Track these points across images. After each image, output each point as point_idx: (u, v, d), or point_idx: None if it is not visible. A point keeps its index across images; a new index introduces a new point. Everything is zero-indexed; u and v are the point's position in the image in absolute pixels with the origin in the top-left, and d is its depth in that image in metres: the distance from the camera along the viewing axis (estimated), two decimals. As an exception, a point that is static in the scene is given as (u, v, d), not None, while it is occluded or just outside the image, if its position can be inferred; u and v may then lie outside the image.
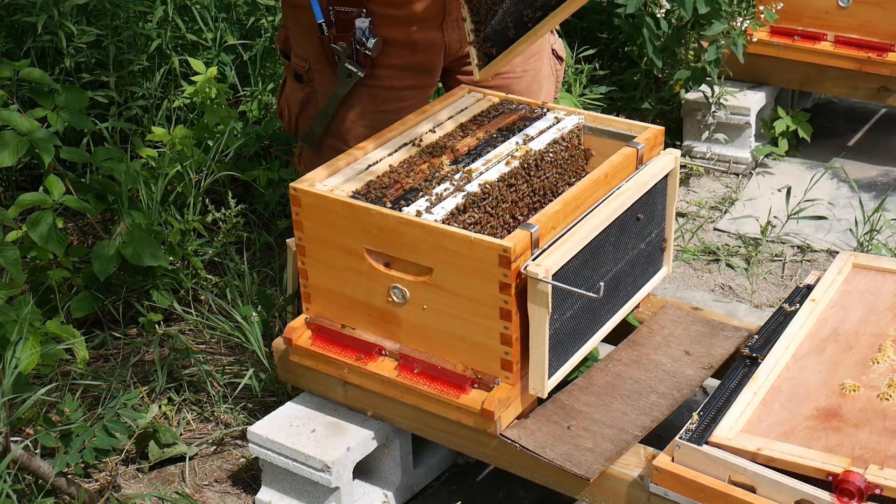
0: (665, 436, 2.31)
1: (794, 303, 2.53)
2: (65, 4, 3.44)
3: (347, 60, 2.67)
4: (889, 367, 2.29)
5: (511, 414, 2.30)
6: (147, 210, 3.15)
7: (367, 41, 2.65)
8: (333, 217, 2.33)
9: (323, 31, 2.68)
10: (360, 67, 2.68)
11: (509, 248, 2.14)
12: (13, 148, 2.92)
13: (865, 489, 1.98)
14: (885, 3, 3.84)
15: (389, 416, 2.45)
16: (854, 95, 4.04)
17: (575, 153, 2.60)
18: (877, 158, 4.07)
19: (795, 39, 3.98)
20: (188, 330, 3.13)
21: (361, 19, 2.66)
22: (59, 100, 3.10)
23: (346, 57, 2.67)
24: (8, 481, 2.34)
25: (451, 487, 2.64)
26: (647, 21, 3.76)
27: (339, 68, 2.69)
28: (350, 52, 2.67)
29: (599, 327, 2.45)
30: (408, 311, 2.32)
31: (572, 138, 2.58)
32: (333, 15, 2.67)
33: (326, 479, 2.39)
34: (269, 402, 2.83)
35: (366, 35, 2.66)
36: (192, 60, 3.71)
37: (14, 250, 2.78)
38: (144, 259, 2.96)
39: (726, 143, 4.01)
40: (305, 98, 2.81)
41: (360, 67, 2.68)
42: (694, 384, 2.44)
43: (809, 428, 2.14)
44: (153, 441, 2.69)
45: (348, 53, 2.67)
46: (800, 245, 3.57)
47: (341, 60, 2.68)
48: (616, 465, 2.24)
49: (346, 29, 2.67)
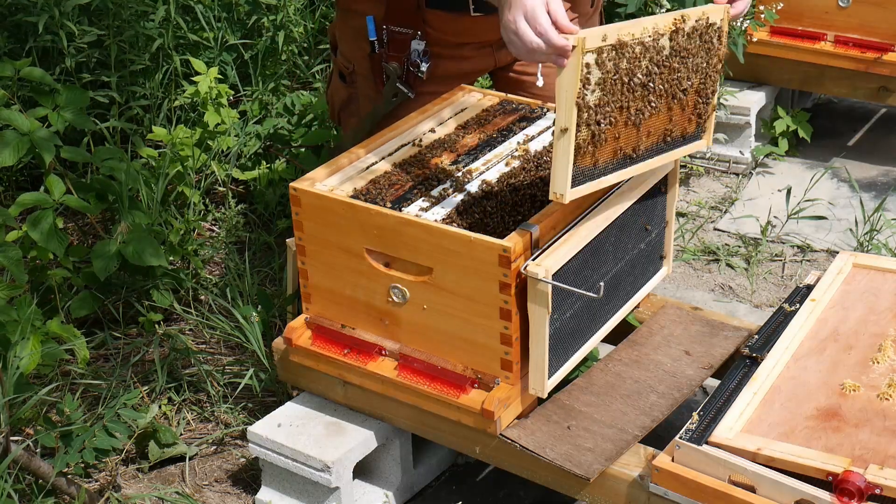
0: (665, 436, 2.31)
1: (794, 303, 2.53)
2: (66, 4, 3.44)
3: (398, 81, 2.66)
4: (889, 367, 2.29)
5: (511, 414, 2.30)
6: (147, 210, 3.15)
7: (421, 64, 2.65)
8: (333, 217, 2.33)
9: (374, 48, 2.67)
10: (409, 89, 2.67)
11: (509, 247, 2.14)
12: (14, 147, 2.92)
13: (865, 489, 1.98)
14: (885, 3, 3.84)
15: (389, 416, 2.45)
16: (854, 95, 4.04)
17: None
18: (877, 158, 4.07)
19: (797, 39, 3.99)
20: (188, 330, 3.13)
21: (417, 41, 2.65)
22: (59, 99, 3.10)
23: (397, 77, 2.66)
24: (8, 481, 2.34)
25: (451, 487, 2.64)
26: (647, 21, 3.76)
27: (386, 87, 2.68)
28: (401, 73, 2.67)
29: (599, 327, 2.45)
30: (408, 311, 2.32)
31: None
32: (386, 34, 2.66)
33: (326, 479, 2.39)
34: (269, 402, 2.83)
35: (420, 58, 2.65)
36: (193, 60, 3.71)
37: (16, 250, 2.78)
38: (145, 259, 2.96)
39: (726, 142, 4.01)
40: (348, 97, 2.82)
41: (410, 89, 2.67)
42: (694, 384, 2.45)
43: (809, 428, 2.14)
44: (153, 441, 2.69)
45: (399, 74, 2.67)
46: (800, 245, 3.57)
47: (391, 80, 2.66)
48: (616, 465, 2.24)
49: (398, 49, 2.66)
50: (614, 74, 2.14)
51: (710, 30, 2.32)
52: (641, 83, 2.21)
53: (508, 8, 2.10)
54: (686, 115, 2.36)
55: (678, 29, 2.24)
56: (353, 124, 2.84)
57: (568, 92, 2.08)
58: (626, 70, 2.17)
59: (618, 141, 2.22)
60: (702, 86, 2.36)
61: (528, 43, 2.07)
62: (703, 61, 2.33)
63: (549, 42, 2.05)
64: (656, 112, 2.27)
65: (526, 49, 2.09)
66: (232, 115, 3.66)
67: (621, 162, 2.27)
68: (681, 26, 2.25)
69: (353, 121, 2.83)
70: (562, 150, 2.13)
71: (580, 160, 2.15)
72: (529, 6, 2.07)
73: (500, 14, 2.16)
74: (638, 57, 2.18)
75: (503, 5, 2.14)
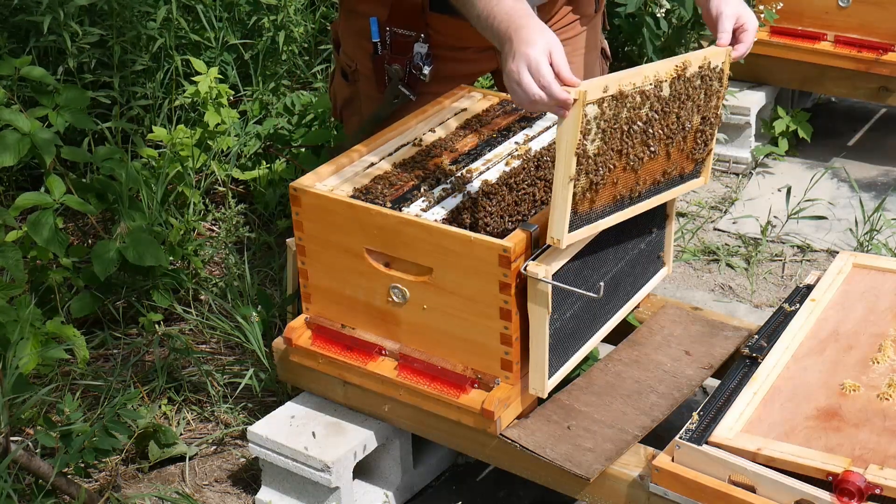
0: (665, 436, 2.31)
1: (794, 303, 2.53)
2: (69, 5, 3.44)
3: (400, 83, 2.66)
4: (889, 367, 2.29)
5: (511, 414, 2.30)
6: (147, 210, 3.15)
7: (424, 67, 2.64)
8: (333, 217, 2.33)
9: (377, 50, 2.67)
10: (411, 91, 2.66)
11: (509, 247, 2.14)
12: (14, 148, 2.92)
13: (865, 489, 1.98)
14: (885, 3, 3.84)
15: (389, 416, 2.45)
16: (854, 95, 4.04)
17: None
18: (877, 158, 4.07)
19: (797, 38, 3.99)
20: (188, 330, 3.13)
21: (420, 44, 2.64)
22: (60, 99, 3.10)
23: (399, 79, 2.66)
24: (8, 481, 2.34)
25: (451, 487, 2.64)
26: (647, 21, 3.76)
27: (387, 90, 2.68)
28: (403, 75, 2.66)
29: (599, 327, 2.45)
30: (408, 311, 2.32)
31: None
32: (389, 36, 2.66)
33: (326, 479, 2.39)
34: (269, 402, 2.83)
35: (423, 61, 2.64)
36: (193, 60, 3.71)
37: (16, 250, 2.78)
38: (145, 259, 2.96)
39: (726, 142, 4.01)
40: (350, 96, 2.82)
41: (412, 91, 2.67)
42: (694, 384, 2.45)
43: (809, 428, 2.14)
44: (153, 441, 2.69)
45: (401, 76, 2.66)
46: (800, 245, 3.57)
47: (392, 82, 2.66)
48: (616, 465, 2.24)
49: (401, 51, 2.66)
50: (614, 124, 2.17)
51: (712, 73, 2.34)
52: (641, 130, 2.23)
53: (512, 57, 2.11)
54: (684, 155, 2.39)
55: (679, 76, 2.27)
56: (354, 123, 2.83)
57: (568, 142, 2.10)
58: (626, 119, 2.19)
59: (616, 186, 2.25)
60: (701, 127, 2.38)
61: (531, 95, 2.08)
62: (703, 103, 2.36)
63: (551, 95, 2.06)
64: (655, 156, 2.30)
65: (528, 100, 2.10)
66: (232, 115, 3.66)
67: (618, 204, 2.29)
68: (682, 73, 2.27)
69: (355, 119, 2.83)
70: (560, 197, 2.14)
71: (578, 206, 2.18)
72: (533, 58, 2.08)
73: (503, 61, 2.16)
74: (638, 105, 2.21)
75: (506, 54, 2.15)
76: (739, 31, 2.36)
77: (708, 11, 2.38)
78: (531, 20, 2.16)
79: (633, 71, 2.19)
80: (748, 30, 2.35)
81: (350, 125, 2.86)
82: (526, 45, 2.10)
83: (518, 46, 2.11)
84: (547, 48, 2.10)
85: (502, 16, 2.19)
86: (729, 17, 2.34)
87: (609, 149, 2.17)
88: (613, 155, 2.19)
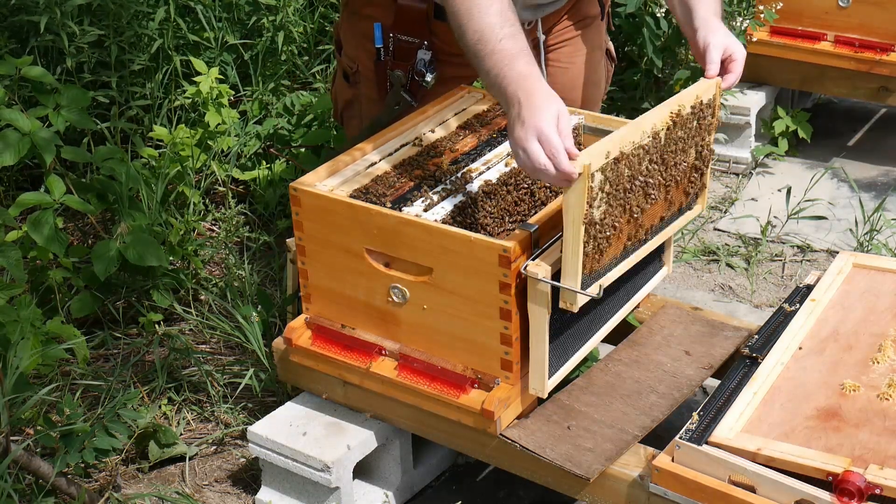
0: (665, 436, 2.31)
1: (794, 303, 2.53)
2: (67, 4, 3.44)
3: (402, 89, 2.66)
4: (889, 367, 2.29)
5: (511, 414, 2.30)
6: (147, 210, 3.15)
7: (427, 74, 2.64)
8: (333, 217, 2.33)
9: (380, 55, 2.67)
10: (413, 98, 2.66)
11: (509, 248, 2.14)
12: (15, 147, 2.92)
13: (865, 489, 1.98)
14: (885, 3, 3.84)
15: (389, 416, 2.45)
16: (854, 95, 4.04)
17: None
18: (877, 158, 4.07)
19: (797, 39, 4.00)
20: (188, 330, 3.13)
21: (423, 51, 2.64)
22: (60, 99, 3.10)
23: (401, 86, 2.66)
24: (8, 481, 2.34)
25: (451, 487, 2.64)
26: (647, 21, 3.76)
27: (389, 96, 2.67)
28: (405, 81, 2.66)
29: (599, 327, 2.45)
30: (408, 311, 2.32)
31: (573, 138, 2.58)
32: (393, 42, 2.65)
33: (326, 479, 2.39)
34: (269, 402, 2.83)
35: (426, 67, 2.64)
36: (193, 60, 3.71)
37: (16, 250, 2.78)
38: (146, 259, 2.96)
39: (726, 142, 4.01)
40: (351, 98, 2.82)
41: (413, 98, 2.66)
42: (694, 384, 2.44)
43: (809, 428, 2.14)
44: (153, 441, 2.69)
45: (403, 82, 2.66)
46: (800, 245, 3.57)
47: (394, 88, 2.66)
48: (616, 465, 2.24)
49: (403, 57, 2.65)
50: (617, 185, 2.18)
51: (705, 109, 2.37)
52: (642, 184, 2.26)
53: (521, 125, 2.11)
54: (682, 190, 2.41)
55: (675, 122, 2.29)
56: (355, 126, 2.83)
57: (575, 213, 2.11)
58: (628, 177, 2.21)
59: (620, 238, 2.27)
60: (696, 162, 2.41)
61: (538, 164, 2.09)
62: (698, 139, 2.38)
63: (558, 167, 2.07)
64: (655, 202, 2.32)
65: (533, 168, 2.11)
66: (232, 115, 3.67)
67: (624, 254, 2.31)
68: (677, 120, 2.30)
69: (356, 122, 2.82)
70: (571, 263, 2.15)
71: (587, 267, 2.19)
72: (545, 130, 2.08)
73: (510, 125, 2.16)
74: (639, 161, 2.23)
75: (514, 118, 2.14)
76: (728, 62, 2.38)
77: (695, 42, 2.40)
78: (540, 85, 2.17)
79: (630, 127, 2.20)
80: (736, 59, 2.37)
81: (351, 127, 2.85)
82: (536, 114, 2.10)
83: (528, 113, 2.11)
84: (556, 116, 2.11)
85: (513, 77, 2.18)
86: (717, 47, 2.35)
87: (614, 209, 2.20)
88: (618, 214, 2.22)
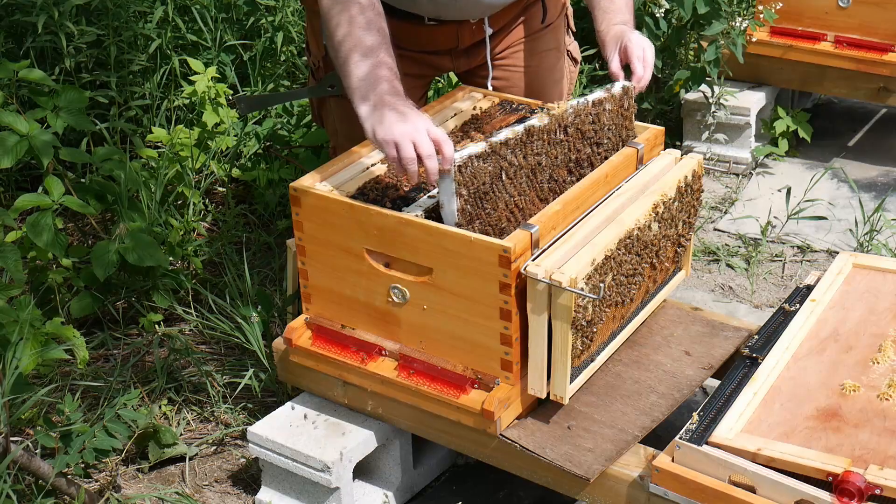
0: (665, 436, 2.31)
1: (794, 303, 2.53)
2: (65, 4, 3.44)
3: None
4: (889, 367, 2.29)
5: (511, 414, 2.30)
6: (147, 210, 3.15)
7: None
8: (333, 217, 2.33)
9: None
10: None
11: (509, 248, 2.14)
12: (12, 150, 2.91)
13: (865, 489, 1.98)
14: (885, 3, 3.84)
15: (389, 416, 2.45)
16: (854, 95, 4.04)
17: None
18: (877, 158, 4.07)
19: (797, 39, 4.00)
20: (188, 330, 3.13)
21: None
22: (58, 100, 3.10)
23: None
24: (8, 482, 2.34)
25: (451, 487, 2.64)
26: (646, 21, 3.76)
27: (326, 76, 2.69)
28: None
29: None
30: (408, 312, 2.32)
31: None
32: None
33: (326, 479, 2.39)
34: (269, 402, 2.83)
35: None
36: (191, 61, 3.71)
37: (15, 251, 2.78)
38: (145, 259, 2.96)
39: (726, 143, 4.01)
40: (322, 97, 2.81)
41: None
42: (694, 384, 2.44)
43: (809, 428, 2.14)
44: (153, 441, 2.69)
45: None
46: (800, 245, 3.57)
47: (333, 72, 2.64)
48: (616, 465, 2.24)
49: None
50: (606, 290, 2.22)
51: (688, 187, 2.45)
52: (629, 275, 2.30)
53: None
54: (665, 263, 2.46)
55: (658, 214, 2.34)
56: (330, 123, 2.83)
57: (563, 328, 2.16)
58: (613, 278, 2.24)
59: (609, 324, 2.30)
60: (680, 233, 2.47)
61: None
62: (683, 214, 2.44)
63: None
64: (642, 284, 2.37)
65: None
66: (231, 115, 3.67)
67: (611, 337, 2.37)
68: (660, 210, 2.35)
69: (330, 120, 2.83)
70: (560, 363, 2.21)
71: (576, 361, 2.23)
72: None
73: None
74: (624, 255, 2.27)
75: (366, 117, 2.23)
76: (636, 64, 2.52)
77: (609, 62, 2.54)
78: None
79: (613, 230, 2.24)
80: (644, 58, 2.52)
81: (329, 125, 2.86)
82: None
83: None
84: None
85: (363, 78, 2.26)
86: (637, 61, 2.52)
87: (601, 310, 2.23)
88: (605, 310, 2.25)
